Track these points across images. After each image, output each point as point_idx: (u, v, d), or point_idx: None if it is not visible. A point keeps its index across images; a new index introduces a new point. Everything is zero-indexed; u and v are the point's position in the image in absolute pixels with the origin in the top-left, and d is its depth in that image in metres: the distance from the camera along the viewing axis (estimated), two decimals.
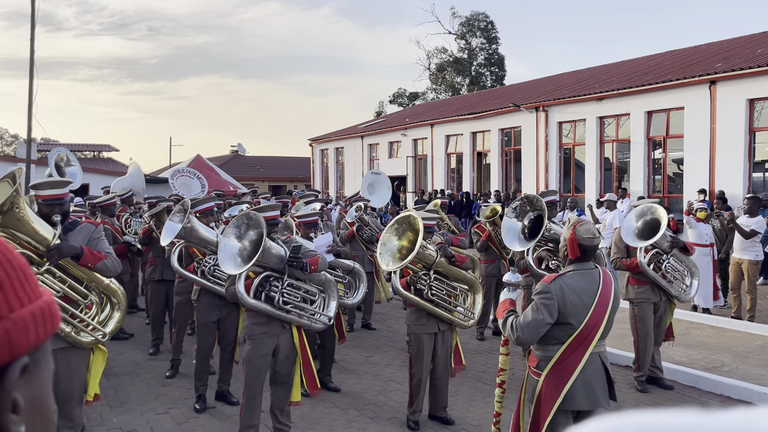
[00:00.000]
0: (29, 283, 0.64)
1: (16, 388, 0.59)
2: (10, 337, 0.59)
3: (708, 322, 8.75)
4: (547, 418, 3.44)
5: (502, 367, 4.00)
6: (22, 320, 0.60)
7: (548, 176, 18.63)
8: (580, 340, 3.43)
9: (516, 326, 3.46)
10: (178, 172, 14.80)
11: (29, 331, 0.61)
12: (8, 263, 0.63)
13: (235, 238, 4.44)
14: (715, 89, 14.16)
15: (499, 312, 3.75)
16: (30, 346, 0.61)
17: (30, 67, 14.22)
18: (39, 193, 3.95)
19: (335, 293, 5.03)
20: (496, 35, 44.70)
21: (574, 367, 3.42)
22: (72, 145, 43.35)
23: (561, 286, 3.43)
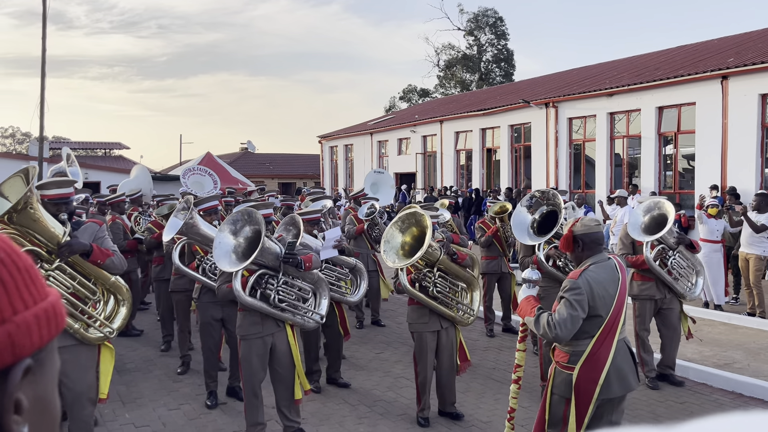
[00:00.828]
0: (35, 284, 0.64)
1: (19, 389, 0.60)
2: (13, 339, 0.59)
3: (720, 318, 8.70)
4: (588, 410, 3.52)
5: (519, 363, 4.01)
6: (26, 323, 0.60)
7: (558, 172, 18.55)
8: (607, 330, 3.54)
9: (553, 324, 3.48)
10: (190, 170, 14.84)
11: (33, 334, 0.61)
12: (13, 265, 0.63)
13: (231, 234, 4.44)
14: (727, 84, 14.04)
15: (525, 310, 3.73)
16: (34, 348, 0.61)
17: (42, 65, 14.33)
18: (45, 192, 3.99)
19: (326, 292, 5.04)
20: (504, 31, 44.54)
21: (605, 358, 3.52)
22: (83, 143, 43.67)
23: (587, 281, 3.50)
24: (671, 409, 5.54)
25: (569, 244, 3.67)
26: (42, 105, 15.00)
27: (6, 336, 0.58)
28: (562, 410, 3.63)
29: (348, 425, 5.18)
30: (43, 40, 14.21)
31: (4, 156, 27.50)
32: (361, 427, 5.16)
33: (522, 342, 4.00)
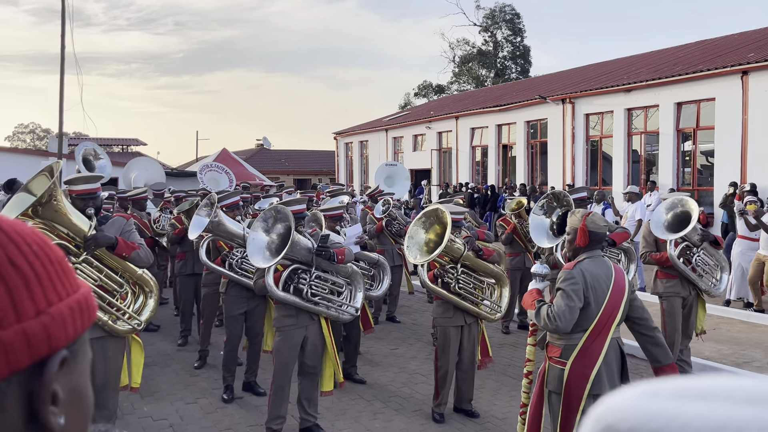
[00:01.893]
0: (67, 275, 0.65)
1: (56, 380, 0.60)
2: (49, 331, 0.59)
3: (739, 317, 8.61)
4: (581, 405, 3.53)
5: (529, 358, 4.03)
6: (60, 314, 0.61)
7: (575, 169, 18.43)
8: (600, 326, 3.57)
9: (552, 316, 3.52)
10: (207, 167, 14.94)
11: (67, 325, 0.61)
12: (46, 257, 0.63)
13: (263, 232, 4.51)
14: (748, 80, 13.85)
15: (527, 302, 3.79)
16: (69, 340, 0.62)
17: (61, 63, 14.50)
18: (73, 188, 4.06)
19: (362, 285, 5.07)
20: (521, 27, 44.26)
21: (598, 353, 3.54)
22: (101, 140, 44.06)
23: (581, 271, 3.57)
24: None
25: (584, 237, 3.69)
26: (61, 102, 15.18)
27: (42, 328, 0.59)
28: (558, 406, 3.64)
29: (363, 420, 5.21)
30: (62, 37, 14.38)
31: (24, 152, 27.88)
32: (377, 422, 5.18)
33: (532, 336, 4.03)
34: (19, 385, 0.58)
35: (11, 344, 0.56)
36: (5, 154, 21.23)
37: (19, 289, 0.59)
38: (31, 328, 0.58)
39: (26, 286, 0.59)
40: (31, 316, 0.59)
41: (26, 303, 0.59)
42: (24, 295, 0.59)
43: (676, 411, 0.44)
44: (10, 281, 0.58)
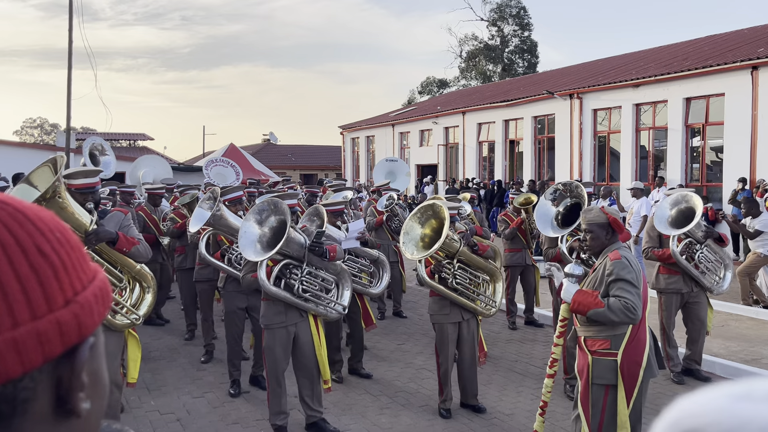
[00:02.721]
0: (86, 262, 0.64)
1: (84, 367, 0.61)
2: (80, 319, 0.60)
3: (747, 313, 8.55)
4: (634, 393, 3.60)
5: (556, 358, 4.00)
6: (87, 302, 0.61)
7: (582, 165, 18.34)
8: (643, 313, 3.64)
9: (631, 306, 3.51)
10: (213, 162, 14.95)
11: (93, 312, 0.61)
12: (68, 244, 0.62)
13: (256, 224, 4.47)
14: (758, 75, 13.73)
15: (588, 302, 3.64)
16: (95, 326, 0.62)
17: (68, 57, 14.53)
18: (72, 182, 4.04)
19: (349, 283, 5.06)
20: (528, 21, 44.05)
21: (645, 339, 3.65)
22: (108, 134, 44.18)
23: (627, 258, 3.66)
24: None
25: (619, 226, 3.80)
26: (69, 96, 15.21)
27: (73, 317, 0.59)
28: (601, 398, 3.65)
29: (370, 415, 5.20)
30: (70, 31, 14.40)
31: (32, 146, 27.99)
32: (383, 417, 5.17)
33: (561, 337, 3.98)
34: (49, 372, 0.59)
35: (46, 334, 0.56)
36: (13, 149, 21.32)
37: (49, 279, 0.58)
38: (63, 317, 0.58)
39: (55, 276, 0.59)
40: (61, 305, 0.59)
41: (56, 292, 0.59)
42: (54, 285, 0.59)
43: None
44: (40, 271, 0.58)
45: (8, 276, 0.55)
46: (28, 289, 0.56)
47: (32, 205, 0.62)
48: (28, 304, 0.56)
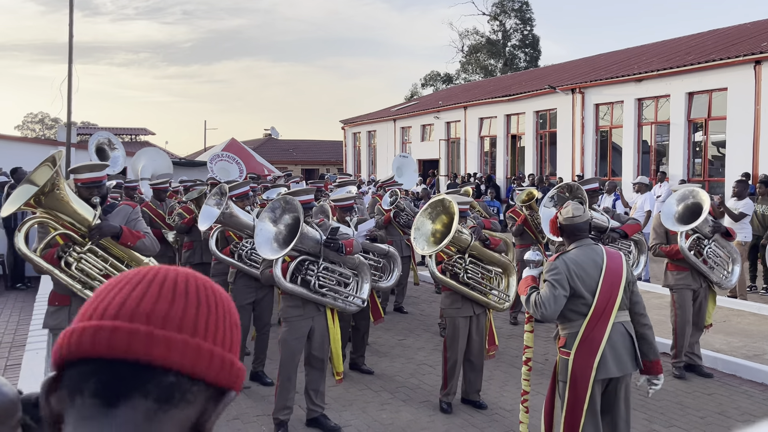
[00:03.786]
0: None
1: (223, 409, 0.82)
2: (242, 375, 0.83)
3: (749, 309, 8.54)
4: (587, 391, 3.58)
5: (528, 344, 4.08)
6: (242, 371, 0.84)
7: (584, 160, 18.30)
8: (599, 313, 3.62)
9: (539, 303, 3.64)
10: (217, 157, 14.89)
11: (242, 376, 0.84)
12: (238, 328, 0.86)
13: (271, 222, 4.47)
14: (761, 69, 13.68)
15: (522, 288, 3.90)
16: (239, 387, 0.83)
17: (69, 51, 14.49)
18: (78, 176, 4.04)
19: (368, 276, 5.06)
20: (530, 15, 43.91)
21: (600, 338, 3.61)
22: (110, 129, 44.21)
23: (564, 261, 3.67)
24: (698, 399, 5.45)
25: (555, 229, 3.88)
26: (69, 91, 15.18)
27: (240, 369, 0.83)
28: (565, 395, 3.69)
29: (371, 411, 5.20)
30: (71, 26, 14.35)
31: (33, 141, 27.97)
32: (384, 412, 5.17)
33: (529, 323, 4.08)
34: (206, 395, 0.78)
35: (229, 364, 0.81)
36: (15, 143, 21.30)
37: (236, 343, 0.85)
38: (236, 362, 0.82)
39: (238, 342, 0.85)
40: (234, 353, 0.83)
41: (236, 346, 0.84)
42: (237, 340, 0.85)
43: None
44: (235, 334, 0.84)
45: (221, 320, 0.83)
46: (227, 334, 0.83)
47: (220, 289, 0.86)
48: (224, 340, 0.81)
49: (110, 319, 0.75)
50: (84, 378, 0.74)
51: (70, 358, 0.75)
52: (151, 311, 0.76)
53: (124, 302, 0.77)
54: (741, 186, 9.27)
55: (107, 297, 0.79)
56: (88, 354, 0.74)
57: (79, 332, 0.75)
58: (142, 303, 0.77)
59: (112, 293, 0.79)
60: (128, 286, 0.79)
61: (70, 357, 0.75)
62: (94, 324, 0.75)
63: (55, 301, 4.07)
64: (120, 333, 0.74)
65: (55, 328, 4.08)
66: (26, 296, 9.24)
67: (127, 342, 0.73)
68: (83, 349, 0.74)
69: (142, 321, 0.75)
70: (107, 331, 0.74)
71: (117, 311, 0.76)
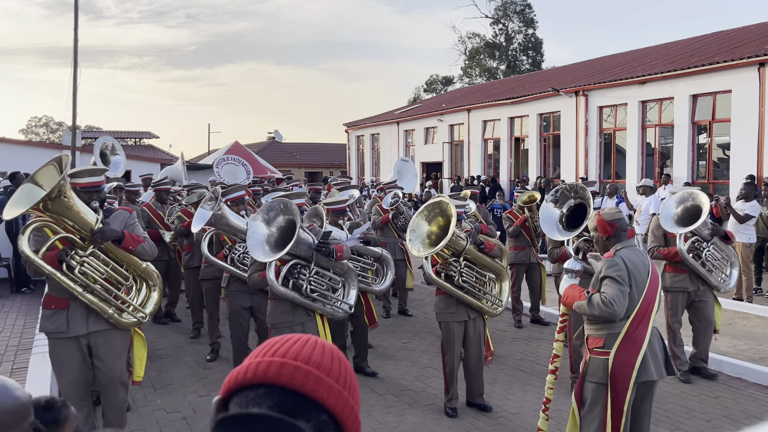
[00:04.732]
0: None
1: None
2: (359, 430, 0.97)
3: (755, 312, 8.51)
4: (627, 394, 3.55)
5: (557, 354, 4.02)
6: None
7: (588, 162, 18.27)
8: (642, 313, 3.61)
9: (608, 301, 3.54)
10: (224, 160, 14.90)
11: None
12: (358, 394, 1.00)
13: (264, 223, 4.46)
14: (765, 71, 13.64)
15: (573, 296, 3.79)
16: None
17: (74, 55, 14.54)
18: (77, 180, 4.04)
19: (355, 282, 5.06)
20: (533, 18, 43.91)
21: (642, 339, 3.58)
22: (114, 133, 44.33)
23: (622, 258, 3.64)
24: (705, 403, 5.43)
25: (606, 228, 3.79)
26: (74, 95, 15.24)
27: (360, 424, 0.98)
28: (601, 398, 3.63)
29: (376, 414, 5.19)
30: (75, 30, 14.41)
31: (38, 145, 28.06)
32: (389, 416, 5.16)
33: (561, 332, 4.02)
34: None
35: (357, 422, 0.96)
36: (19, 147, 21.37)
37: (358, 396, 0.98)
38: (359, 421, 0.97)
39: (358, 407, 0.98)
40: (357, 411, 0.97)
41: (358, 406, 0.98)
42: (359, 400, 0.99)
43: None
44: (356, 391, 0.99)
45: (355, 385, 0.99)
46: (357, 398, 0.98)
47: (339, 353, 0.99)
48: (355, 404, 0.96)
49: (292, 359, 0.93)
50: (261, 396, 0.91)
51: (245, 385, 0.92)
52: (320, 363, 0.94)
53: (300, 351, 0.95)
54: (748, 188, 9.29)
55: (282, 346, 0.97)
56: (268, 381, 0.91)
57: (266, 364, 0.93)
58: (313, 355, 0.95)
59: (285, 344, 0.97)
60: (299, 342, 0.98)
61: (247, 383, 0.92)
62: (279, 360, 0.93)
63: (52, 304, 4.03)
64: (300, 371, 0.92)
65: (53, 332, 4.00)
66: (32, 299, 9.27)
67: (305, 378, 0.91)
68: (268, 377, 0.91)
69: (314, 367, 0.93)
70: (291, 367, 0.92)
71: (295, 356, 0.94)
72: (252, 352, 0.98)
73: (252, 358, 0.96)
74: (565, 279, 3.92)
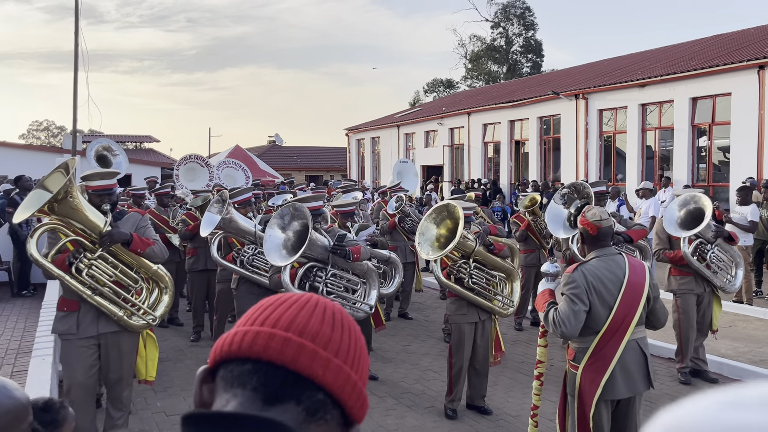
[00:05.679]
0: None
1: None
2: (365, 411, 0.84)
3: (755, 314, 8.51)
4: (591, 410, 3.42)
5: (540, 359, 3.94)
6: (365, 414, 0.84)
7: (588, 165, 18.30)
8: (614, 328, 3.40)
9: (558, 321, 3.39)
10: (224, 163, 14.93)
11: (364, 413, 0.84)
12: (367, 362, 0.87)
13: (279, 229, 4.49)
14: (764, 74, 13.67)
15: (539, 304, 3.67)
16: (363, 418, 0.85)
17: (75, 59, 14.59)
18: (89, 183, 4.08)
19: (376, 282, 5.07)
20: (533, 21, 44.00)
21: (611, 356, 3.39)
22: (114, 136, 44.34)
23: (583, 273, 3.40)
24: None
25: (593, 228, 3.51)
26: (75, 99, 15.28)
27: (366, 408, 0.84)
28: (572, 410, 3.55)
29: (376, 417, 5.20)
30: (76, 34, 14.46)
31: (38, 149, 28.11)
32: (389, 418, 5.17)
33: (543, 337, 3.89)
34: (336, 423, 0.81)
35: (362, 395, 0.83)
36: (20, 151, 21.41)
37: (367, 364, 0.86)
38: (367, 402, 0.85)
39: (367, 377, 0.86)
40: (364, 384, 0.85)
41: (366, 376, 0.86)
42: (366, 370, 0.86)
43: (765, 424, 0.38)
44: (366, 373, 0.86)
45: (360, 354, 0.85)
46: (364, 368, 0.85)
47: (350, 318, 0.88)
48: (362, 375, 0.84)
49: (282, 330, 0.81)
50: (246, 374, 0.79)
51: (231, 357, 0.81)
52: (317, 333, 0.82)
53: (293, 319, 0.83)
54: (744, 192, 9.29)
55: (273, 311, 0.84)
56: (255, 355, 0.80)
57: (252, 335, 0.81)
58: (311, 323, 0.83)
59: (277, 309, 0.85)
60: (295, 306, 0.85)
61: (232, 355, 0.81)
62: (267, 331, 0.81)
63: (64, 306, 4.11)
64: (291, 344, 0.80)
65: (64, 333, 4.10)
66: (32, 303, 9.28)
67: (296, 353, 0.79)
68: (254, 350, 0.80)
69: (308, 339, 0.81)
70: (280, 340, 0.80)
71: (287, 325, 0.82)
72: (243, 316, 0.87)
73: (241, 324, 0.85)
74: (542, 282, 3.77)
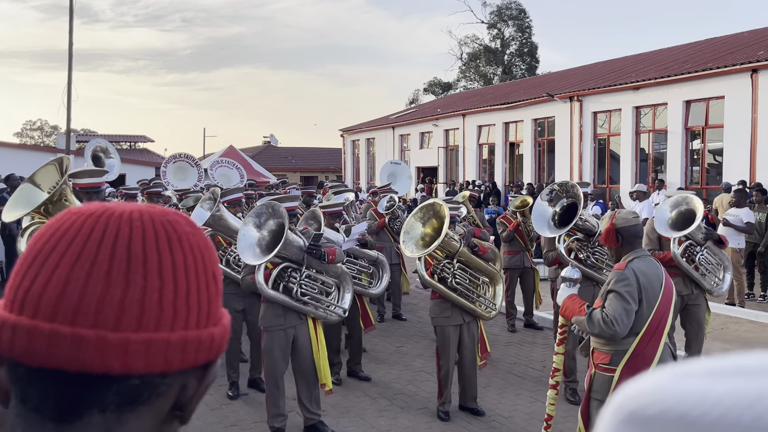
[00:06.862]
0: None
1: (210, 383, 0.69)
2: (222, 340, 0.67)
3: (747, 316, 8.55)
4: None
5: (557, 368, 3.84)
6: (225, 327, 0.68)
7: (582, 167, 18.34)
8: (653, 329, 3.37)
9: (609, 320, 3.29)
10: (217, 163, 14.93)
11: (225, 336, 0.68)
12: (218, 276, 0.69)
13: (255, 227, 4.47)
14: (757, 78, 13.73)
15: (573, 309, 3.55)
16: (224, 349, 0.69)
17: (69, 59, 14.55)
18: (77, 181, 4.07)
19: (350, 286, 5.04)
20: (528, 24, 44.09)
21: (652, 357, 3.34)
22: (109, 136, 44.20)
23: (634, 271, 3.37)
24: None
25: (611, 238, 3.51)
26: (69, 98, 15.24)
27: (220, 336, 0.67)
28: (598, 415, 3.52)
29: (368, 418, 5.20)
30: (71, 33, 14.42)
31: (32, 148, 28.02)
32: (382, 420, 5.17)
33: (561, 345, 3.82)
34: (184, 377, 0.64)
35: (203, 343, 0.64)
36: (14, 150, 21.34)
37: (216, 299, 0.67)
38: (216, 333, 0.66)
39: (217, 297, 0.68)
40: (214, 323, 0.66)
41: (216, 311, 0.67)
42: (216, 304, 0.67)
43: (708, 389, 0.41)
44: (212, 291, 0.66)
45: (193, 288, 0.63)
46: (202, 301, 0.64)
47: (203, 235, 0.68)
48: (199, 313, 0.64)
49: (47, 317, 0.56)
50: (24, 384, 0.58)
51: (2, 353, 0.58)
52: (101, 304, 0.56)
53: (63, 290, 0.56)
54: (739, 194, 9.37)
55: (37, 275, 0.58)
56: (20, 359, 0.57)
57: (9, 331, 0.56)
58: (89, 290, 0.57)
59: (41, 271, 0.58)
60: (67, 259, 0.58)
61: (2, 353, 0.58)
62: (26, 323, 0.56)
63: None
64: (62, 339, 0.55)
65: None
66: None
67: (73, 351, 0.55)
68: (15, 354, 0.56)
69: (87, 323, 0.56)
70: (45, 337, 0.55)
71: (55, 305, 0.56)
72: (11, 273, 0.61)
73: (7, 290, 0.60)
74: (563, 288, 3.68)
